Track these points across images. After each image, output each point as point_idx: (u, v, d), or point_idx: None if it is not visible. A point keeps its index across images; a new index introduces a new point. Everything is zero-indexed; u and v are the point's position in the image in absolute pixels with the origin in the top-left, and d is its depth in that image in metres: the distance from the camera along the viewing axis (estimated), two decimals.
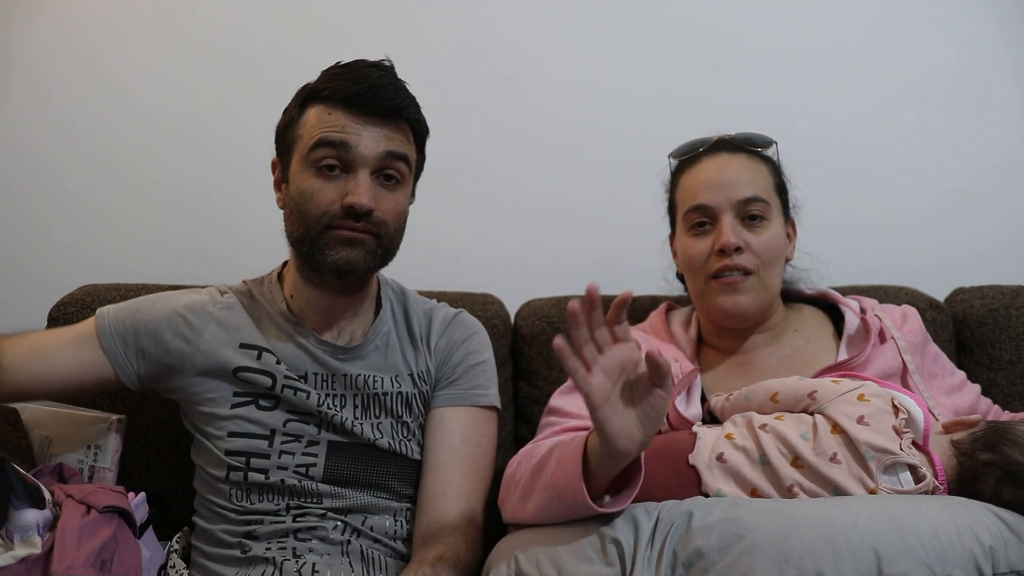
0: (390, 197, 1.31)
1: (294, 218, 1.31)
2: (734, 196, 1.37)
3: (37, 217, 1.80)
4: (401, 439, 1.37)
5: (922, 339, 1.43)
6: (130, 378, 1.35)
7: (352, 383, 1.35)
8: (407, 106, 1.31)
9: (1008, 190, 1.94)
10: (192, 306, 1.37)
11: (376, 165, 1.29)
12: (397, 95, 1.30)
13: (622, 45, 1.90)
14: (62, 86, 1.81)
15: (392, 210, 1.31)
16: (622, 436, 1.03)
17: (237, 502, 1.31)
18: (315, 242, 1.29)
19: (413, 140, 1.35)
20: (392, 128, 1.30)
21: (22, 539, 1.14)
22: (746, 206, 1.38)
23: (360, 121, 1.28)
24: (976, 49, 1.94)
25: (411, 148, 1.34)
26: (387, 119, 1.30)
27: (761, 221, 1.38)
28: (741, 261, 1.36)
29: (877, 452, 1.13)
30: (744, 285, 1.37)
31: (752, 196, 1.38)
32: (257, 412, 1.32)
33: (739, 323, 1.41)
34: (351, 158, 1.28)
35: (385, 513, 1.34)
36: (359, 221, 1.27)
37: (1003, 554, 1.03)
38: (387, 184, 1.31)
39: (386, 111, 1.29)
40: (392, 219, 1.31)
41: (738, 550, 1.01)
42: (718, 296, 1.38)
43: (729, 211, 1.37)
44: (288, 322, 1.36)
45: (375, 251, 1.30)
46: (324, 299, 1.36)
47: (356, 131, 1.28)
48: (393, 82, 1.31)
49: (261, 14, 1.85)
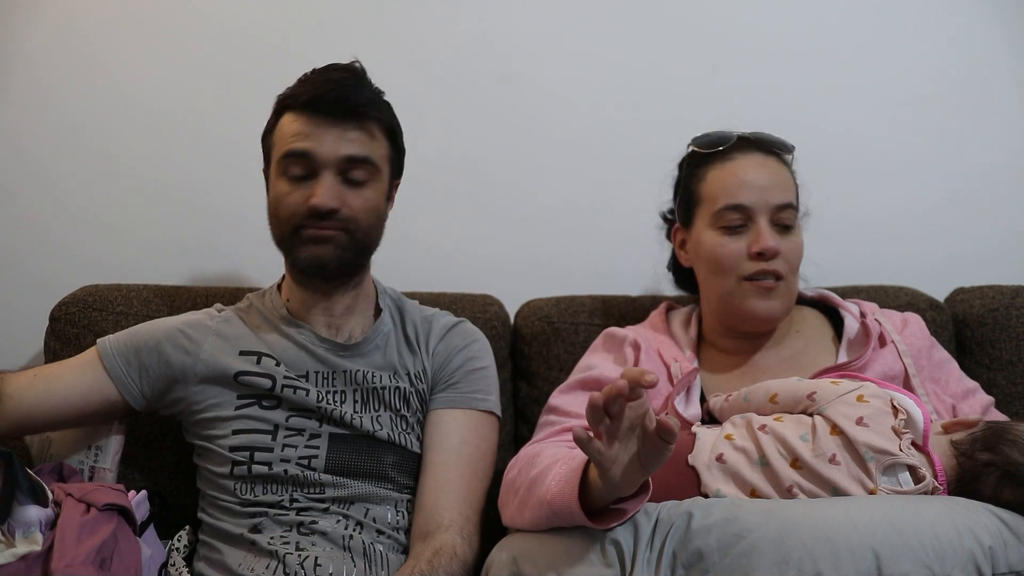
0: (358, 194, 1.35)
1: (272, 222, 1.38)
2: (772, 200, 1.37)
3: (37, 217, 1.80)
4: (400, 431, 1.39)
5: (927, 344, 1.43)
6: (135, 397, 1.37)
7: (352, 379, 1.38)
8: (366, 104, 1.34)
9: (1008, 190, 1.94)
10: (190, 322, 1.42)
11: (339, 167, 1.33)
12: (357, 95, 1.33)
13: (622, 45, 1.89)
14: (62, 86, 1.80)
15: (361, 207, 1.35)
16: (623, 484, 1.03)
17: (241, 495, 1.33)
18: (289, 243, 1.36)
19: (383, 136, 1.38)
20: (354, 129, 1.33)
21: (24, 535, 1.14)
22: (780, 212, 1.38)
23: (322, 124, 1.33)
24: (976, 49, 1.94)
25: (377, 146, 1.37)
26: (348, 120, 1.33)
27: (791, 229, 1.39)
28: (775, 266, 1.36)
29: (876, 453, 1.13)
30: (776, 291, 1.37)
31: (787, 202, 1.38)
32: (260, 411, 1.36)
33: (765, 327, 1.41)
34: (315, 163, 1.33)
35: (387, 503, 1.36)
36: (323, 220, 1.32)
37: (1003, 554, 1.03)
38: (355, 183, 1.35)
39: (345, 112, 1.33)
40: (363, 215, 1.35)
41: (738, 551, 1.01)
42: (751, 299, 1.37)
43: (765, 214, 1.37)
44: (289, 325, 1.40)
45: (346, 246, 1.35)
46: (317, 298, 1.40)
47: (318, 135, 1.32)
48: (355, 83, 1.35)
49: (261, 14, 1.85)
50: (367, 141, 1.35)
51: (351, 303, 1.42)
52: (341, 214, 1.33)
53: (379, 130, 1.37)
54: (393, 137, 1.40)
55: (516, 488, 1.22)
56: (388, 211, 1.43)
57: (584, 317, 1.68)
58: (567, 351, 1.63)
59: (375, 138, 1.36)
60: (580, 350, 1.57)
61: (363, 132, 1.34)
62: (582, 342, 1.61)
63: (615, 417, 0.98)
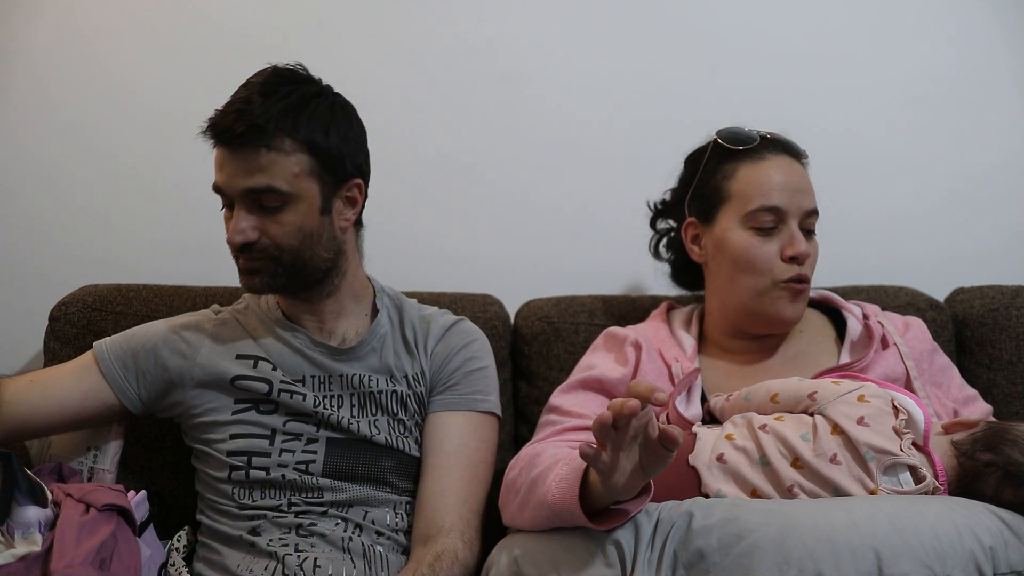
0: (275, 220, 1.27)
1: None
2: (804, 205, 1.38)
3: (37, 217, 1.80)
4: (398, 435, 1.38)
5: (929, 348, 1.43)
6: (132, 401, 1.37)
7: (348, 383, 1.37)
8: (261, 127, 1.22)
9: (1008, 190, 1.94)
10: (187, 325, 1.41)
11: (246, 199, 1.26)
12: (248, 118, 1.22)
13: (622, 45, 1.89)
14: (62, 86, 1.80)
15: (279, 232, 1.27)
16: (625, 489, 1.03)
17: (239, 499, 1.33)
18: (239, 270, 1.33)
19: (299, 151, 1.26)
20: (254, 156, 1.24)
21: (23, 536, 1.14)
22: (809, 217, 1.39)
23: (227, 155, 1.26)
24: (976, 50, 1.94)
25: (286, 167, 1.25)
26: (245, 148, 1.24)
27: (812, 234, 1.41)
28: (805, 270, 1.38)
29: (877, 453, 1.13)
30: (804, 294, 1.39)
31: (814, 208, 1.40)
32: (257, 416, 1.35)
33: (786, 329, 1.43)
34: (226, 196, 1.29)
35: (385, 506, 1.35)
36: (244, 252, 1.29)
37: (1003, 554, 1.03)
38: (269, 210, 1.27)
39: (238, 141, 1.23)
40: (284, 239, 1.28)
41: (738, 551, 1.01)
42: (782, 302, 1.37)
43: (796, 218, 1.37)
44: (284, 328, 1.39)
45: (276, 272, 1.30)
46: (302, 305, 1.39)
47: (225, 167, 1.26)
48: (247, 106, 1.23)
49: (261, 14, 1.85)
50: (269, 167, 1.24)
51: (337, 307, 1.40)
52: (260, 244, 1.27)
53: (291, 145, 1.25)
54: (315, 148, 1.27)
55: (517, 488, 1.21)
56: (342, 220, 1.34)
57: (584, 317, 1.67)
58: (567, 351, 1.63)
59: (285, 157, 1.25)
60: (580, 350, 1.57)
61: (266, 157, 1.24)
62: (582, 342, 1.61)
63: (621, 430, 0.98)
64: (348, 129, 1.32)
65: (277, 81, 1.28)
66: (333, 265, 1.36)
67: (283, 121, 1.24)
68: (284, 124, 1.24)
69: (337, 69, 1.83)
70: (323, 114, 1.29)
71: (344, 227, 1.35)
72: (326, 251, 1.33)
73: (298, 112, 1.26)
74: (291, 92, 1.27)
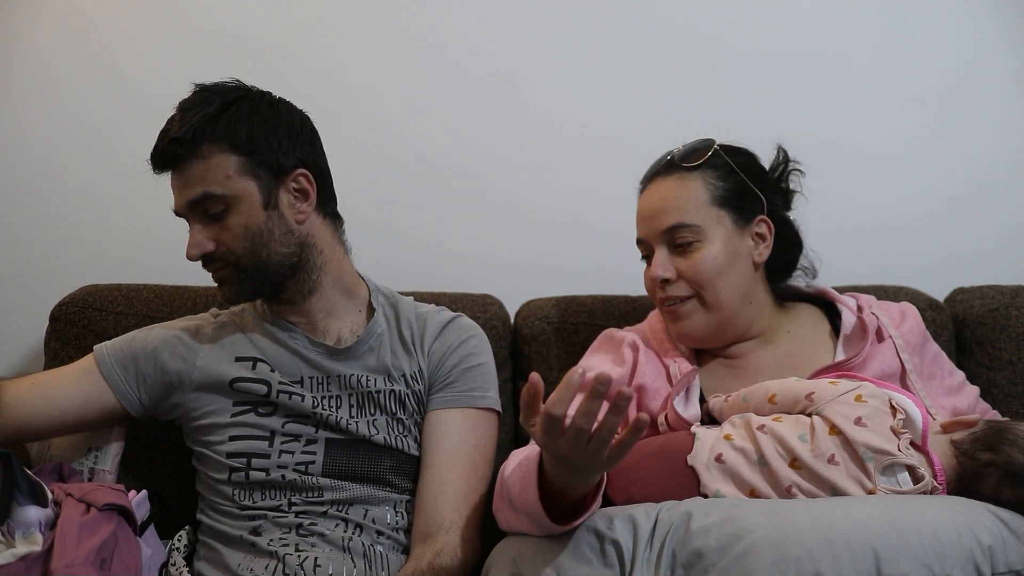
0: (223, 227, 1.30)
1: None
2: (658, 227, 1.37)
3: (38, 217, 1.80)
4: (397, 435, 1.38)
5: (921, 338, 1.42)
6: (132, 404, 1.37)
7: (346, 383, 1.38)
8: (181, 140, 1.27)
9: (1008, 190, 1.94)
10: (187, 328, 1.41)
11: (195, 213, 1.31)
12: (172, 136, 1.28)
13: (622, 46, 1.89)
14: (63, 85, 1.81)
15: (230, 238, 1.30)
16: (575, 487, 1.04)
17: (240, 500, 1.33)
18: None
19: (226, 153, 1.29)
20: (188, 169, 1.29)
21: (24, 536, 1.14)
22: (672, 235, 1.36)
23: (172, 179, 1.32)
24: (977, 50, 1.94)
25: (218, 171, 1.28)
26: (176, 166, 1.30)
27: (691, 245, 1.35)
28: (673, 291, 1.37)
29: (875, 453, 1.13)
30: (683, 310, 1.38)
31: (673, 224, 1.35)
32: (256, 417, 1.35)
33: (695, 344, 1.42)
34: (182, 215, 1.33)
35: (385, 504, 1.36)
36: (208, 264, 1.33)
37: (1002, 554, 1.03)
38: (218, 216, 1.30)
39: (169, 161, 1.30)
40: (236, 243, 1.30)
41: (737, 551, 1.01)
42: (671, 322, 1.41)
43: (660, 241, 1.38)
44: (281, 329, 1.39)
45: (240, 279, 1.33)
46: (288, 307, 1.39)
47: (174, 190, 1.32)
48: (169, 126, 1.30)
49: (262, 14, 1.85)
50: (203, 175, 1.28)
51: (326, 305, 1.40)
52: (218, 253, 1.31)
53: (217, 151, 1.28)
54: (240, 146, 1.29)
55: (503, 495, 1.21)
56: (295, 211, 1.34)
57: (584, 317, 1.67)
58: (567, 351, 1.63)
59: (213, 163, 1.28)
60: (580, 350, 1.57)
61: (197, 167, 1.28)
62: (582, 342, 1.61)
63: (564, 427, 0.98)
64: (275, 125, 1.33)
65: (197, 98, 1.32)
66: (299, 260, 1.35)
67: (202, 130, 1.28)
68: (204, 132, 1.28)
69: (337, 69, 1.85)
70: (243, 115, 1.31)
71: (300, 219, 1.35)
72: (284, 246, 1.33)
73: (216, 118, 1.29)
74: (210, 102, 1.31)
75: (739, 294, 1.38)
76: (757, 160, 1.44)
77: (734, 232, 1.37)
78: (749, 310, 1.40)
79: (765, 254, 1.40)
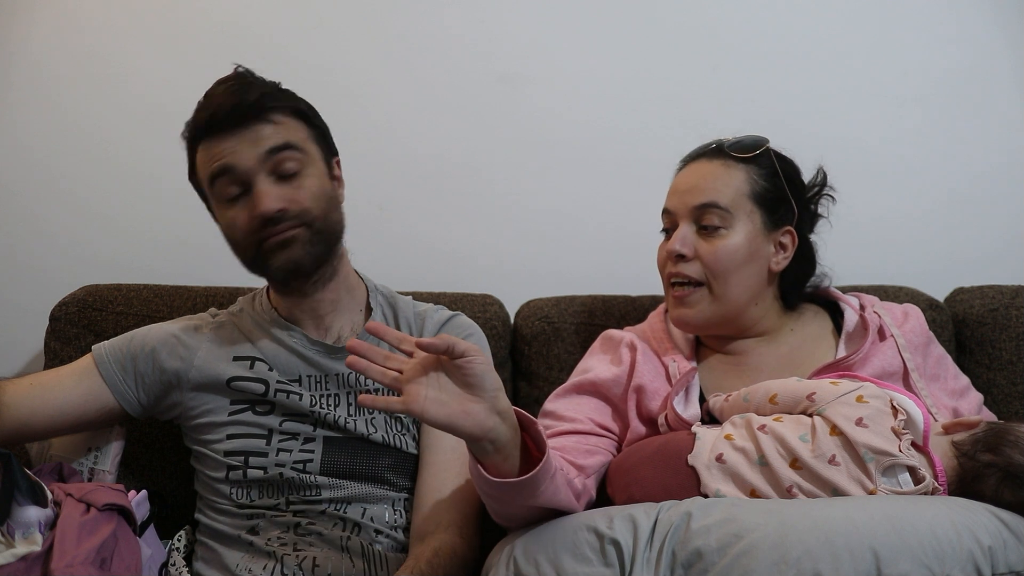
0: (298, 186, 1.31)
1: (236, 251, 1.35)
2: (690, 201, 1.36)
3: (37, 217, 1.80)
4: (395, 433, 1.38)
5: (925, 339, 1.42)
6: (131, 404, 1.37)
7: (344, 381, 1.38)
8: (260, 98, 1.30)
9: (1008, 190, 1.94)
10: (185, 329, 1.41)
11: (267, 167, 1.29)
12: (247, 95, 1.29)
13: (622, 46, 1.89)
14: (63, 85, 1.81)
15: (307, 196, 1.31)
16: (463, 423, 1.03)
17: (237, 499, 1.33)
18: (256, 261, 1.33)
19: (294, 119, 1.33)
20: (261, 126, 1.30)
21: (23, 536, 1.14)
22: (701, 212, 1.35)
23: (230, 137, 1.29)
24: (977, 50, 1.94)
25: (292, 130, 1.32)
26: (250, 121, 1.29)
27: (717, 230, 1.34)
28: (686, 270, 1.35)
29: (876, 454, 1.13)
30: (692, 298, 1.36)
31: (707, 202, 1.34)
32: (254, 416, 1.36)
33: (689, 331, 1.41)
34: (242, 175, 1.29)
35: (383, 503, 1.36)
36: (278, 224, 1.29)
37: (1002, 554, 1.03)
38: (289, 177, 1.30)
39: (244, 115, 1.29)
40: (312, 203, 1.31)
41: (737, 551, 1.01)
42: (672, 307, 1.39)
43: (687, 217, 1.36)
44: (280, 328, 1.39)
45: (311, 240, 1.32)
46: (301, 300, 1.39)
47: (232, 148, 1.29)
48: (241, 86, 1.32)
49: (263, 15, 1.85)
50: (279, 130, 1.30)
51: (335, 298, 1.40)
52: (290, 212, 1.29)
53: (287, 116, 1.32)
54: (306, 117, 1.35)
55: None
56: (340, 191, 1.39)
57: (584, 317, 1.68)
58: (567, 351, 1.63)
59: (286, 124, 1.32)
60: (580, 350, 1.57)
61: (271, 124, 1.30)
62: (582, 342, 1.61)
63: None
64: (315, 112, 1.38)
65: (247, 75, 1.35)
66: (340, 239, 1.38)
67: (270, 99, 1.31)
68: (277, 98, 1.32)
69: (337, 69, 1.85)
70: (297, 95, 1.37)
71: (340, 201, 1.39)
72: (340, 221, 1.37)
73: (278, 91, 1.34)
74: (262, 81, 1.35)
75: (748, 294, 1.37)
76: (800, 173, 1.44)
77: (761, 233, 1.37)
78: (755, 311, 1.40)
79: (783, 264, 1.40)
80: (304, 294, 1.38)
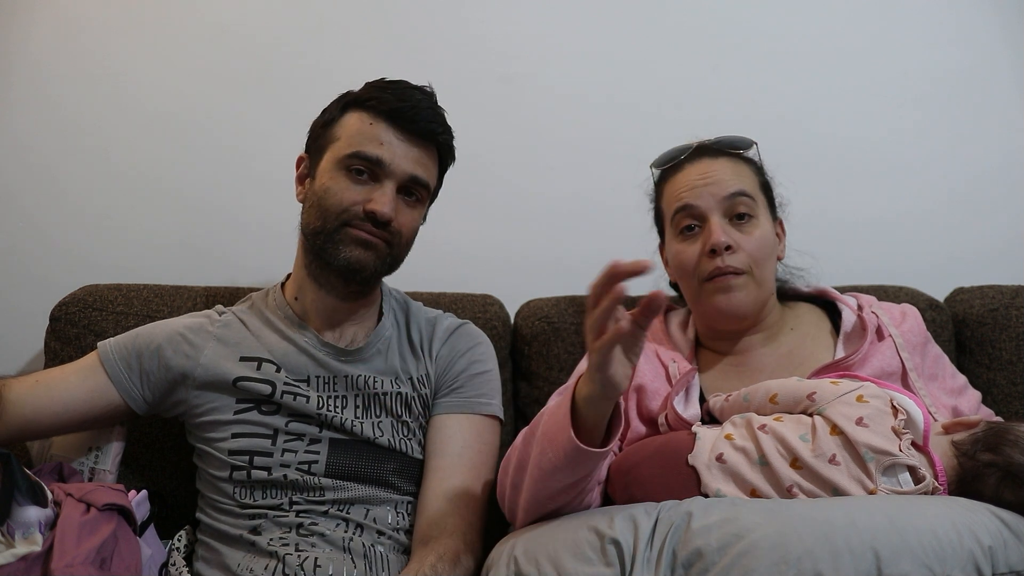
0: (408, 212, 1.37)
1: (314, 211, 1.35)
2: (719, 193, 1.36)
3: (37, 217, 1.80)
4: (401, 438, 1.38)
5: (923, 339, 1.42)
6: (136, 401, 1.37)
7: (353, 384, 1.38)
8: (441, 132, 1.39)
9: (1008, 190, 1.94)
10: (191, 326, 1.41)
11: (402, 182, 1.35)
12: (435, 119, 1.38)
13: (622, 45, 1.90)
14: (62, 86, 1.81)
15: (408, 224, 1.38)
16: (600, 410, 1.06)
17: (241, 499, 1.33)
18: (330, 236, 1.34)
19: (438, 164, 1.42)
20: (423, 151, 1.37)
21: (23, 536, 1.14)
22: (733, 202, 1.36)
23: (398, 137, 1.35)
24: (977, 50, 1.94)
25: (434, 175, 1.41)
26: (420, 141, 1.37)
27: (749, 220, 1.37)
28: (732, 262, 1.35)
29: (876, 453, 1.13)
30: (737, 283, 1.36)
31: (738, 191, 1.36)
32: (259, 416, 1.36)
33: (735, 323, 1.40)
34: (382, 170, 1.33)
35: (387, 505, 1.36)
36: (377, 227, 1.33)
37: (1003, 554, 1.03)
38: (408, 200, 1.37)
39: (421, 132, 1.36)
40: (407, 231, 1.38)
41: (737, 550, 1.01)
42: (713, 296, 1.36)
43: (716, 210, 1.36)
44: (292, 326, 1.40)
45: (385, 257, 1.36)
46: (329, 301, 1.39)
47: (392, 146, 1.34)
48: (432, 107, 1.39)
49: (262, 14, 1.85)
50: (430, 165, 1.39)
51: (358, 309, 1.42)
52: (392, 226, 1.34)
53: (439, 156, 1.42)
54: (444, 166, 1.44)
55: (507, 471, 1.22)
56: None
57: (584, 317, 1.67)
58: (567, 351, 1.63)
59: (434, 163, 1.41)
60: (580, 350, 1.57)
61: (429, 155, 1.38)
62: (582, 342, 1.60)
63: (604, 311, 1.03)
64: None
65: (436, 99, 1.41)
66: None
67: (447, 135, 1.41)
68: (447, 136, 1.41)
69: (338, 69, 1.84)
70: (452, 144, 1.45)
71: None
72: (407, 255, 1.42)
73: (451, 131, 1.42)
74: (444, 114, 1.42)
75: (772, 280, 1.42)
76: None
77: (769, 221, 1.42)
78: (772, 299, 1.43)
79: (783, 253, 1.46)
80: (338, 296, 1.39)
